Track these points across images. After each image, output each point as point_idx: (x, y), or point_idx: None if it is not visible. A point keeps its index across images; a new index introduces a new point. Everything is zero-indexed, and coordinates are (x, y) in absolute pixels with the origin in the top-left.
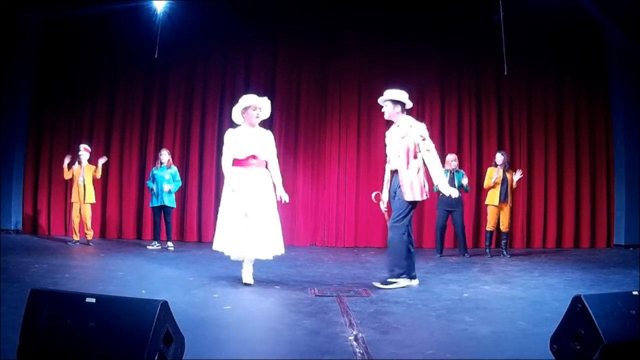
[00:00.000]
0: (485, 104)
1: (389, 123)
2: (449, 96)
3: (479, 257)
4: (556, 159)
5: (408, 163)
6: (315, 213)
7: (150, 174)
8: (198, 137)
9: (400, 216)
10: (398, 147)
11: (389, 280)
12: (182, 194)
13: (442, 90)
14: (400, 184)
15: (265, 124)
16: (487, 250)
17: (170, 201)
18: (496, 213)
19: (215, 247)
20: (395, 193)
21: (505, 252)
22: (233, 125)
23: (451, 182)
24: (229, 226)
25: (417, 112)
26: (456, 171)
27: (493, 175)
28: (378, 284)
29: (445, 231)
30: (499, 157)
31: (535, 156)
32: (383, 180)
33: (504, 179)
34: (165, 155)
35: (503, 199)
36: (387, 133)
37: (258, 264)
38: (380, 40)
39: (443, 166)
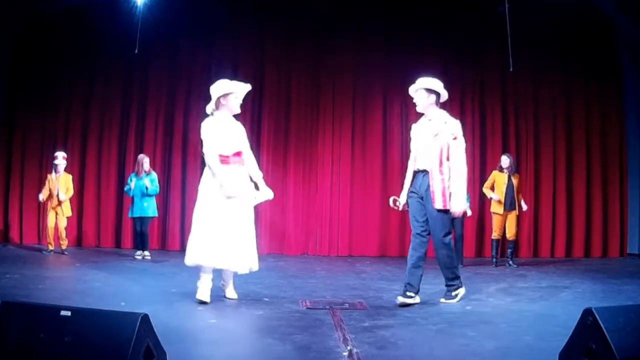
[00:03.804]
0: (489, 102)
1: (388, 121)
2: (451, 94)
3: (483, 267)
4: (565, 161)
5: (441, 165)
6: (306, 220)
7: (129, 179)
8: (181, 140)
9: (447, 229)
10: (429, 146)
11: (454, 294)
12: (163, 200)
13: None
14: (431, 190)
15: (253, 124)
16: (494, 260)
17: (152, 210)
18: (502, 221)
19: (193, 261)
20: (422, 197)
21: (511, 262)
22: None
23: None
24: (211, 235)
25: (416, 112)
26: None
27: (490, 193)
28: (443, 300)
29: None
30: (505, 160)
31: (542, 158)
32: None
33: (510, 185)
34: (147, 163)
35: (509, 207)
36: (414, 126)
37: (244, 275)
38: (378, 35)
39: None
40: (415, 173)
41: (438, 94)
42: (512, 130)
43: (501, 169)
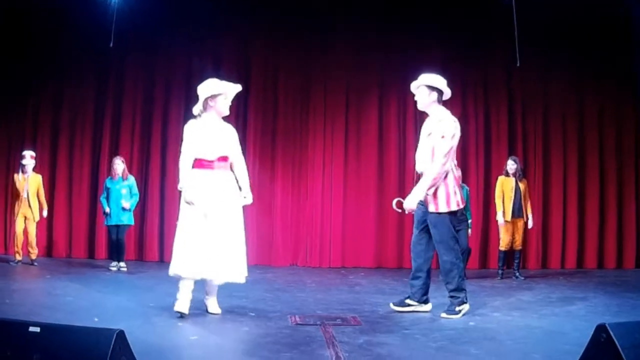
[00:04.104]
0: (493, 102)
1: (384, 121)
2: (452, 92)
3: (488, 280)
4: (577, 164)
5: None
6: (296, 228)
7: (104, 187)
8: (159, 140)
9: (447, 234)
10: (424, 146)
11: (457, 308)
12: (141, 207)
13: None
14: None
15: (237, 124)
16: (499, 272)
17: (128, 218)
18: (510, 230)
19: (174, 271)
20: (421, 202)
21: (518, 274)
22: None
23: None
24: (191, 244)
25: (414, 112)
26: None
27: (500, 207)
28: (444, 315)
29: None
30: (511, 165)
31: (552, 161)
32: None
33: (517, 191)
34: (119, 165)
35: (517, 214)
36: (422, 126)
37: (229, 288)
38: (374, 30)
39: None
40: (418, 176)
41: (440, 92)
42: (519, 132)
43: (507, 174)
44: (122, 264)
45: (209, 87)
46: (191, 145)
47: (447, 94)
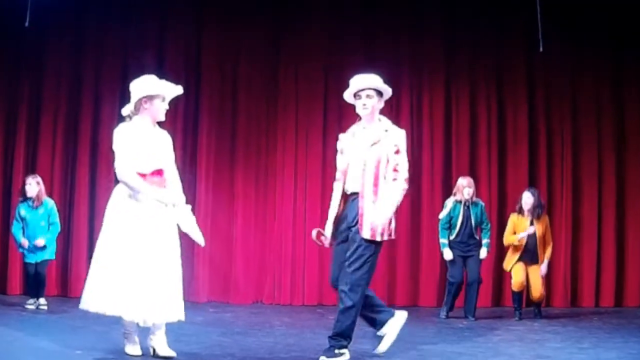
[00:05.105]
0: (510, 97)
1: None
2: (458, 85)
3: (503, 321)
4: (615, 177)
5: (376, 184)
6: (260, 256)
7: (16, 212)
8: (88, 147)
9: (365, 268)
10: (364, 158)
11: (337, 352)
12: (65, 232)
13: (448, 76)
14: (360, 213)
15: (187, 124)
16: (517, 313)
17: (49, 253)
18: (523, 272)
19: (93, 306)
20: (350, 227)
21: (538, 313)
22: None
23: (465, 219)
24: (120, 275)
25: (410, 109)
26: (473, 203)
27: (517, 235)
28: (324, 358)
29: (462, 284)
30: (527, 199)
31: (583, 174)
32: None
33: (532, 233)
34: (31, 186)
35: (530, 262)
36: (342, 137)
37: (175, 330)
38: (356, 3)
39: (452, 194)
40: (347, 197)
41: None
42: (541, 135)
43: (520, 211)
44: (41, 300)
45: (145, 85)
46: (129, 153)
47: (387, 97)
